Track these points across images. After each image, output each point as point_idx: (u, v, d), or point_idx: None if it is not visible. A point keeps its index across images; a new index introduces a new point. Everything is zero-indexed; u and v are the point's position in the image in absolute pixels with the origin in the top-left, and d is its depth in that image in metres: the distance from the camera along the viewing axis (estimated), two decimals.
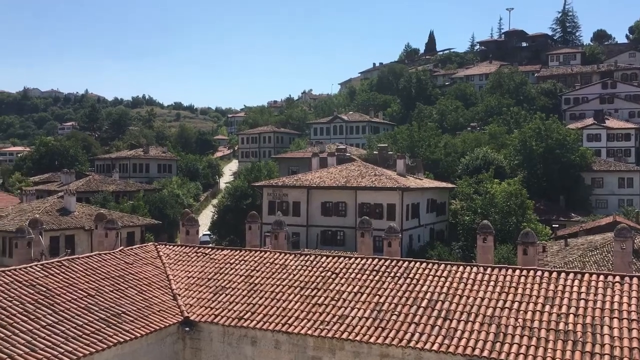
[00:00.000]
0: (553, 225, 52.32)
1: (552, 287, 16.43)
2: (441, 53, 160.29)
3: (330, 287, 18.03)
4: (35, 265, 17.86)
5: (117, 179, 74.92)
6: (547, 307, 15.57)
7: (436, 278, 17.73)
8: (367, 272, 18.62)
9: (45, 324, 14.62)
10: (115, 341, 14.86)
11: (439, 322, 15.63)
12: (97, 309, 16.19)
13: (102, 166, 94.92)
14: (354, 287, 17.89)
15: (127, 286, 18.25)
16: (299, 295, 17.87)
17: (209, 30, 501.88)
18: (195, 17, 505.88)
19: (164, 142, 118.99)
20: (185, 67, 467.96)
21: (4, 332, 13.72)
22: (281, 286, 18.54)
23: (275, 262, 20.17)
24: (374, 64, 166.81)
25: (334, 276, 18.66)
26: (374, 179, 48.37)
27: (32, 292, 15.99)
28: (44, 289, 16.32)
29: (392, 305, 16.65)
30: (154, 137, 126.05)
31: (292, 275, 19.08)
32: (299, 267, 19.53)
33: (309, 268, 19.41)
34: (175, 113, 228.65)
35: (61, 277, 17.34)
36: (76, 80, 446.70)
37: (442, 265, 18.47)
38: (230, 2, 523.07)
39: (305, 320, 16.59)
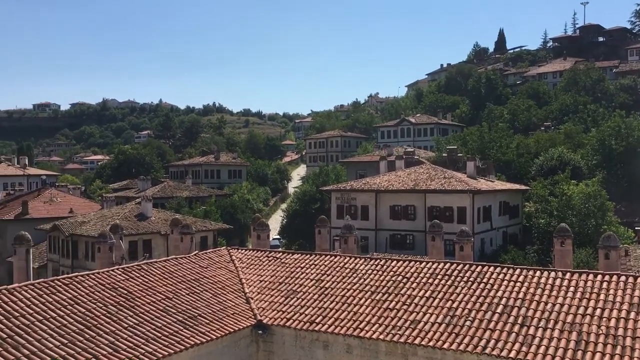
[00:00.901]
0: (636, 228, 49.60)
1: (637, 293, 15.61)
2: (512, 51, 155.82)
3: (402, 292, 17.87)
4: (117, 269, 18.69)
5: (190, 185, 77.24)
6: (632, 314, 14.80)
7: (511, 283, 17.23)
8: (439, 276, 18.33)
9: (126, 325, 15.26)
10: (193, 343, 15.31)
11: (516, 328, 15.16)
12: (174, 311, 16.75)
13: (176, 173, 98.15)
14: (426, 291, 17.65)
15: (202, 289, 18.78)
16: (369, 300, 17.81)
17: (275, 38, 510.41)
18: (262, 26, 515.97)
19: (233, 148, 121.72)
20: (253, 74, 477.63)
21: (89, 332, 14.43)
22: (352, 290, 18.54)
23: (346, 266, 20.20)
24: (442, 65, 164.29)
25: (405, 280, 18.49)
26: (444, 182, 47.55)
27: (114, 294, 16.73)
28: (125, 292, 17.04)
29: (466, 311, 16.31)
30: (224, 144, 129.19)
31: (362, 280, 19.05)
32: (370, 271, 19.48)
33: (380, 272, 19.32)
34: (244, 120, 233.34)
35: (141, 280, 18.06)
36: (151, 91, 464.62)
37: (518, 270, 17.92)
38: (295, 9, 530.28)
39: (377, 325, 16.50)
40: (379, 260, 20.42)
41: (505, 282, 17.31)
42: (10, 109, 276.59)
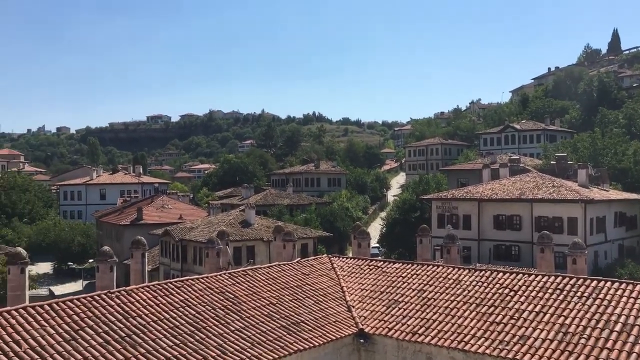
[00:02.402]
0: None
1: None
2: (627, 52, 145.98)
3: (509, 305, 17.17)
4: (224, 274, 19.41)
5: (291, 193, 78.91)
6: None
7: (631, 300, 16.04)
8: (550, 290, 17.43)
9: (233, 328, 15.78)
10: (296, 349, 15.56)
11: (637, 349, 14.09)
12: (278, 316, 17.11)
13: (277, 181, 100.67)
14: (535, 306, 16.85)
15: (304, 296, 19.06)
16: (474, 312, 17.27)
17: (374, 46, 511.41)
18: (360, 35, 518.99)
19: (333, 156, 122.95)
20: (352, 83, 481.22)
21: (199, 334, 15.06)
22: (455, 302, 18.07)
23: (449, 276, 19.73)
24: (549, 68, 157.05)
25: (512, 293, 17.75)
26: (552, 191, 45.31)
27: (222, 298, 17.37)
28: (232, 296, 17.64)
29: (580, 328, 15.37)
30: (323, 152, 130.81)
31: (466, 291, 18.51)
32: (474, 283, 18.90)
33: (485, 284, 18.69)
34: (343, 128, 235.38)
35: (246, 286, 18.63)
36: (254, 101, 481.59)
37: (638, 286, 16.65)
38: (394, 17, 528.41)
39: (483, 339, 15.95)
40: (483, 272, 19.77)
41: (624, 299, 16.14)
42: (127, 121, 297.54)
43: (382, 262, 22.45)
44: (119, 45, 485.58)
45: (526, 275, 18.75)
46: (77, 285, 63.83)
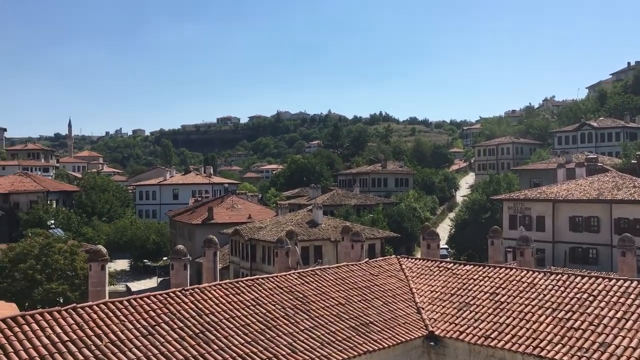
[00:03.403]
0: None
1: None
2: None
3: (588, 311, 16.44)
4: (293, 273, 19.59)
5: (357, 193, 78.79)
6: None
7: None
8: (632, 295, 16.57)
9: (303, 328, 15.89)
10: (365, 350, 15.48)
11: None
12: (347, 317, 17.09)
13: (344, 181, 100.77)
14: (617, 312, 16.04)
15: (373, 297, 18.96)
16: (550, 317, 16.64)
17: (442, 44, 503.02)
18: (428, 33, 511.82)
19: (400, 156, 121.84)
20: (419, 82, 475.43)
21: (269, 333, 15.27)
22: (530, 306, 17.48)
23: (523, 280, 19.11)
24: (629, 63, 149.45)
25: (591, 298, 16.99)
26: (633, 191, 43.07)
27: (291, 297, 17.53)
28: (301, 296, 17.77)
29: None
30: (390, 152, 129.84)
31: (542, 295, 17.87)
32: (550, 287, 18.21)
33: (562, 288, 17.98)
34: (410, 128, 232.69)
35: (315, 285, 18.72)
36: (320, 102, 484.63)
37: None
38: (463, 13, 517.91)
39: (560, 345, 15.33)
40: (560, 275, 19.02)
41: None
42: (198, 123, 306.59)
43: (452, 264, 22.02)
44: (190, 51, 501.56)
45: (606, 280, 17.89)
46: (152, 282, 66.24)
